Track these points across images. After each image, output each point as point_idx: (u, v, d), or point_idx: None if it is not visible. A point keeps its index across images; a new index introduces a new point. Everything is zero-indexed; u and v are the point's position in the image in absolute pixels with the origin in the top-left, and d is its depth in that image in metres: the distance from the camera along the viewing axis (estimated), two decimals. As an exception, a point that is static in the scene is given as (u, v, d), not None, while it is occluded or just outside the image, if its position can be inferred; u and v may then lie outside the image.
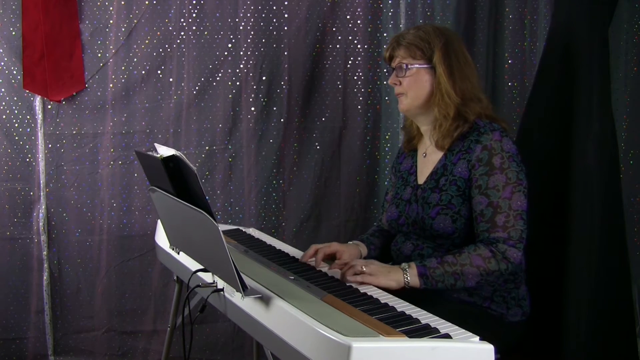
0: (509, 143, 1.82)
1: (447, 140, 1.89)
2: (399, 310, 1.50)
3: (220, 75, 2.88)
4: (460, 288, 1.77)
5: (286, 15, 2.87)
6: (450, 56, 1.88)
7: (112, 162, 2.88)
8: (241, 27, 2.86)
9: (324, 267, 1.87)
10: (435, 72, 1.88)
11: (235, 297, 1.56)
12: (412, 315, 1.46)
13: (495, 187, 1.78)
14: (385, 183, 2.95)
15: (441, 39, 1.89)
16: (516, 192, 1.78)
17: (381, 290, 1.66)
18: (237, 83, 2.88)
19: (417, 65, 1.90)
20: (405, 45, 1.91)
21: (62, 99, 2.83)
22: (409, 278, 1.73)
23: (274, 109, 2.90)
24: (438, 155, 1.93)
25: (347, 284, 1.69)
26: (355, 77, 2.94)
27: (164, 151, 1.63)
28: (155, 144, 1.78)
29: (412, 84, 1.90)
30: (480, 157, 1.81)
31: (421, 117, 1.97)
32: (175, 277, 2.38)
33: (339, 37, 2.91)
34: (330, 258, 1.95)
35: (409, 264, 1.76)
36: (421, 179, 1.97)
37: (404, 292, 1.67)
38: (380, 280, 1.71)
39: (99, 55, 2.84)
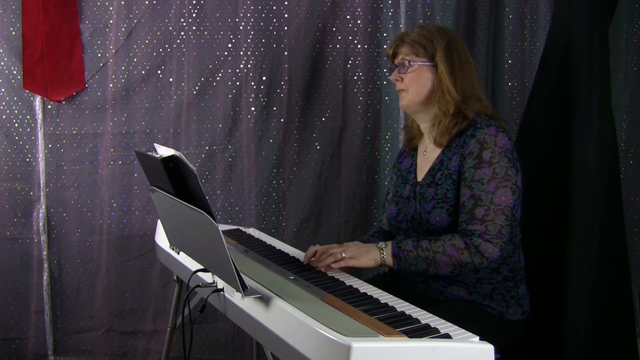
0: (504, 139, 1.83)
1: (445, 137, 1.90)
2: (399, 310, 1.50)
3: (220, 75, 2.88)
4: (434, 274, 1.79)
5: (286, 15, 2.87)
6: (452, 55, 1.90)
7: (112, 162, 2.88)
8: (241, 27, 2.86)
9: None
10: (436, 70, 1.90)
11: (235, 297, 1.56)
12: (412, 315, 1.46)
13: (480, 180, 1.79)
14: (386, 183, 2.95)
15: (444, 38, 1.91)
16: (502, 187, 1.77)
17: (381, 290, 1.66)
18: (237, 83, 2.88)
19: (419, 63, 1.91)
20: (408, 42, 1.93)
21: (62, 99, 2.83)
22: (385, 257, 1.79)
23: (274, 109, 2.90)
24: (437, 152, 1.94)
25: (347, 284, 1.70)
26: (355, 77, 2.94)
27: (164, 151, 1.63)
28: (155, 144, 1.78)
29: (414, 81, 1.92)
30: (472, 150, 1.82)
31: (421, 114, 1.98)
32: (175, 277, 2.38)
33: (339, 37, 2.91)
34: None
35: (386, 243, 1.82)
36: (420, 176, 1.98)
37: (404, 292, 1.67)
38: (361, 261, 1.79)
39: (99, 55, 2.84)
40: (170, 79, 2.88)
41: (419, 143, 2.06)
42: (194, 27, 2.85)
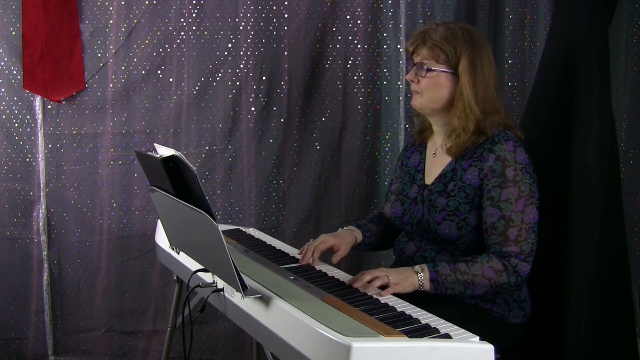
0: (522, 153, 1.80)
1: (459, 149, 1.85)
2: (399, 310, 1.50)
3: (220, 75, 2.88)
4: (469, 296, 1.77)
5: (286, 15, 2.87)
6: (476, 66, 1.81)
7: (112, 162, 2.88)
8: (241, 27, 2.86)
9: (324, 267, 1.87)
10: (457, 79, 1.82)
11: (235, 297, 1.56)
12: (412, 315, 1.46)
13: (508, 199, 1.76)
14: (386, 183, 2.94)
15: (469, 46, 1.81)
16: (529, 204, 1.76)
17: (381, 290, 1.66)
18: (237, 83, 2.88)
19: (439, 69, 1.83)
20: (429, 46, 1.82)
21: (62, 99, 2.83)
22: (422, 282, 1.72)
23: (274, 109, 2.90)
24: (448, 157, 1.89)
25: (347, 284, 1.69)
26: (355, 77, 2.94)
27: (164, 151, 1.63)
28: (155, 144, 1.79)
29: (430, 87, 1.84)
30: (494, 167, 1.78)
31: (434, 117, 1.93)
32: (175, 277, 2.38)
33: (339, 37, 2.91)
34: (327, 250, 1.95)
35: (422, 267, 1.73)
36: (429, 179, 1.94)
37: (404, 293, 1.67)
38: (404, 286, 1.69)
39: (99, 55, 2.84)
40: (170, 79, 2.88)
41: (429, 139, 2.00)
42: (194, 27, 2.85)
